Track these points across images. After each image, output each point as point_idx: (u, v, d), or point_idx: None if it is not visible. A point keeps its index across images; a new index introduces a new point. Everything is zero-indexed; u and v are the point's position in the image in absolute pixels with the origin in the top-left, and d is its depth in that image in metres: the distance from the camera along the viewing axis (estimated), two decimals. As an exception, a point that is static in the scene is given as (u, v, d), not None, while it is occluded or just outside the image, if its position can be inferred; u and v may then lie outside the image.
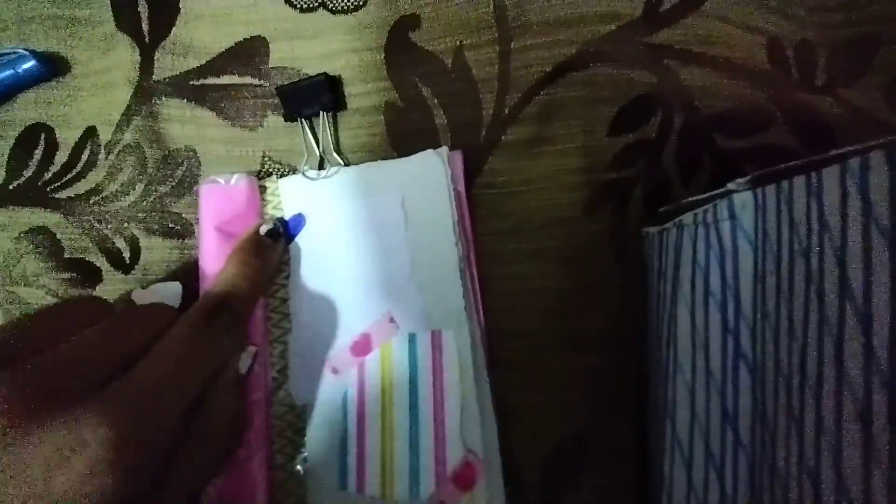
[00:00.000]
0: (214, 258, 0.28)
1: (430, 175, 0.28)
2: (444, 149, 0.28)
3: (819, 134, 0.28)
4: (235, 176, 0.29)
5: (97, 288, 0.30)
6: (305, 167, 0.29)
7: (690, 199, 0.25)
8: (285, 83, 0.30)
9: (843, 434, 0.16)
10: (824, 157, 0.19)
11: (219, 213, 0.29)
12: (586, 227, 0.29)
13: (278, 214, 0.30)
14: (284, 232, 0.29)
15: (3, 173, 0.30)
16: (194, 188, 0.30)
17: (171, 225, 0.30)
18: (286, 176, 0.30)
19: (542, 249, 0.29)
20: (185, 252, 0.30)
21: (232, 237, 0.28)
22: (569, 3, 0.29)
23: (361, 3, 0.29)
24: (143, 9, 0.30)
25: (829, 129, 0.28)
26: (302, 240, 0.29)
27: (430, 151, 0.28)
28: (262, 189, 0.30)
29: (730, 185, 0.22)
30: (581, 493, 0.29)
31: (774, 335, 0.20)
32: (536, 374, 0.29)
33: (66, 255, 0.30)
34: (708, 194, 0.23)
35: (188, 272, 0.29)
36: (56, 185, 0.30)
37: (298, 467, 0.28)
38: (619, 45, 0.29)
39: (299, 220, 0.29)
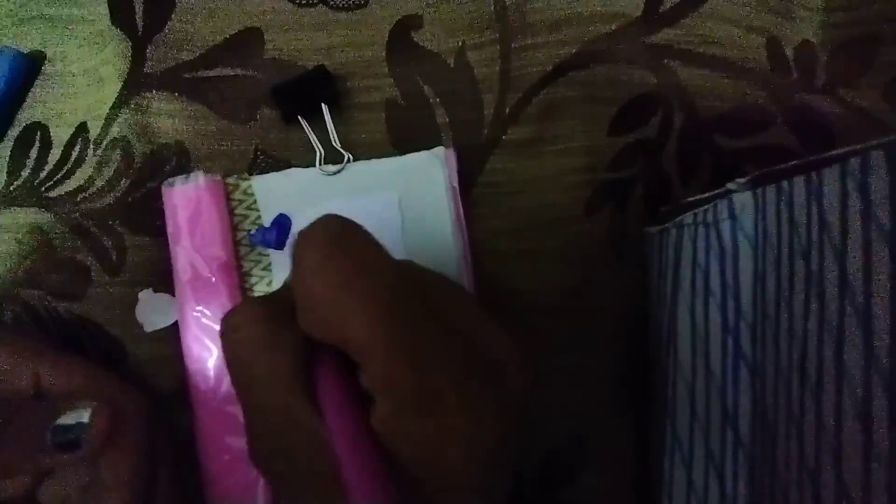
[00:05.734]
0: (183, 269, 0.28)
1: (427, 177, 0.28)
2: (441, 149, 0.28)
3: (819, 134, 0.28)
4: (196, 175, 0.28)
5: (87, 291, 0.29)
6: (321, 165, 0.29)
7: (690, 199, 0.25)
8: (280, 81, 0.29)
9: (843, 434, 0.16)
10: (824, 157, 0.19)
11: (184, 218, 0.28)
12: (586, 226, 0.29)
13: (252, 216, 0.29)
14: (275, 236, 0.28)
15: (5, 175, 0.30)
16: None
17: (158, 223, 0.29)
18: (276, 171, 0.29)
19: (542, 249, 0.29)
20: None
21: (203, 245, 0.27)
22: (569, 2, 0.29)
23: (363, 1, 0.29)
24: (138, 4, 0.30)
25: (829, 129, 0.28)
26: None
27: (426, 153, 0.28)
28: (231, 188, 0.29)
29: (730, 185, 0.22)
30: (580, 493, 0.29)
31: (774, 335, 0.20)
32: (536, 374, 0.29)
33: (58, 255, 0.30)
34: (708, 194, 0.23)
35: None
36: (49, 183, 0.30)
37: None
38: (619, 45, 0.29)
39: (286, 222, 0.28)
